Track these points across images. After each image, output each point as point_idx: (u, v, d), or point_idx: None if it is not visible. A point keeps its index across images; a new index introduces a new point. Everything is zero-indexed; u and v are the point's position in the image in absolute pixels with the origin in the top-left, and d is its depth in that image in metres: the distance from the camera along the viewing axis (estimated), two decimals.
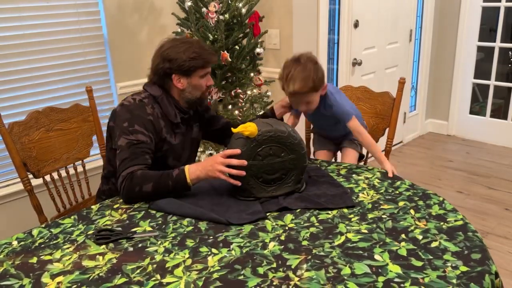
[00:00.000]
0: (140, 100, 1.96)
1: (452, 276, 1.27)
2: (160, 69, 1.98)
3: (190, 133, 2.15)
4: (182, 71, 1.96)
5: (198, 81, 2.01)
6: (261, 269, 1.35)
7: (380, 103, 2.56)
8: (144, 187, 1.78)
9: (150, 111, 1.95)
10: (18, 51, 2.75)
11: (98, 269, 1.39)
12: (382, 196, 1.79)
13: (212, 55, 2.03)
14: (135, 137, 1.87)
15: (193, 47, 1.96)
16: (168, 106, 2.00)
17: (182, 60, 1.94)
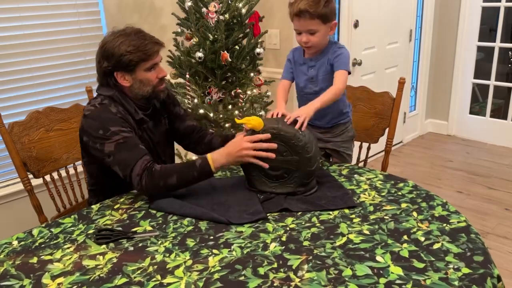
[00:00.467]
0: (100, 103, 1.85)
1: (454, 278, 1.26)
2: (100, 68, 1.87)
3: (159, 127, 2.07)
4: (123, 67, 1.83)
5: (145, 75, 1.87)
6: (262, 269, 1.35)
7: (380, 103, 2.55)
8: (169, 181, 1.76)
9: (114, 110, 1.85)
10: (18, 51, 2.75)
11: (99, 269, 1.39)
12: (385, 197, 1.78)
13: (153, 44, 1.85)
14: (118, 137, 1.79)
15: (130, 39, 1.81)
16: (125, 103, 1.90)
17: (119, 55, 1.80)
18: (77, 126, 2.41)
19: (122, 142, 1.79)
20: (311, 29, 2.06)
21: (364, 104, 2.61)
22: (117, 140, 1.78)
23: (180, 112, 2.20)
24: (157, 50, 1.88)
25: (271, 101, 3.13)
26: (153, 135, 2.03)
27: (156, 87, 1.93)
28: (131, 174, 1.76)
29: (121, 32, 1.85)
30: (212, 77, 2.90)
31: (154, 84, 1.91)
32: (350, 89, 2.65)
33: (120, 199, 1.87)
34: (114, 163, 1.80)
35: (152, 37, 1.89)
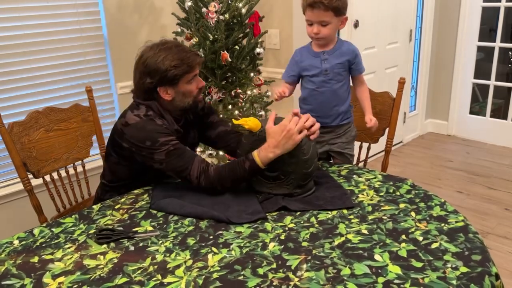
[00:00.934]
0: (145, 115, 1.87)
1: (452, 277, 1.27)
2: (142, 84, 1.88)
3: (186, 138, 2.08)
4: (167, 81, 1.85)
5: (187, 87, 1.89)
6: (261, 269, 1.35)
7: (380, 103, 2.55)
8: (224, 184, 1.81)
9: (160, 122, 1.88)
10: (18, 51, 2.75)
11: (100, 269, 1.39)
12: (383, 198, 1.79)
13: (195, 56, 1.89)
14: (167, 146, 1.81)
15: (172, 53, 1.83)
16: (164, 114, 1.93)
17: (163, 70, 1.82)
18: (77, 126, 2.42)
19: (173, 149, 1.82)
20: (324, 21, 2.10)
21: None
22: (167, 149, 1.82)
23: (214, 120, 2.20)
24: (199, 61, 1.91)
25: (271, 101, 3.14)
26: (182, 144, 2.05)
27: (196, 97, 1.96)
28: (189, 177, 1.82)
29: (160, 46, 1.86)
30: (212, 77, 2.91)
31: (194, 95, 1.94)
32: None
33: (121, 199, 1.88)
34: (167, 169, 1.84)
35: (191, 49, 1.94)
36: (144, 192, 1.94)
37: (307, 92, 2.35)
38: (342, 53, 2.22)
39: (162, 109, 1.93)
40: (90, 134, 2.49)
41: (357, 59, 2.25)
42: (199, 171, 1.81)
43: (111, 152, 1.98)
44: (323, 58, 2.24)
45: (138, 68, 1.89)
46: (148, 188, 1.96)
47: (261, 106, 3.09)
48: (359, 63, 2.26)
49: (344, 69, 2.24)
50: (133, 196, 1.91)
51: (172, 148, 1.82)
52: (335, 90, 2.26)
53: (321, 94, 2.28)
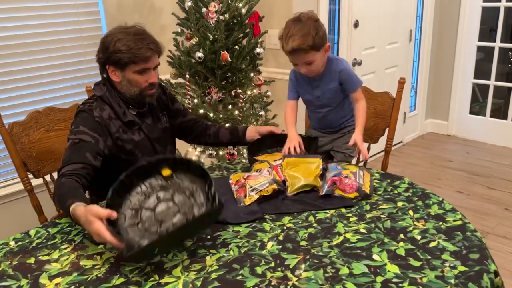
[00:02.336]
0: (89, 105, 1.89)
1: (450, 276, 1.27)
2: (96, 57, 1.91)
3: (158, 124, 2.08)
4: (113, 62, 1.86)
5: (134, 76, 1.88)
6: (259, 268, 1.35)
7: (380, 103, 2.55)
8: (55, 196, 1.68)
9: (97, 113, 1.87)
10: (18, 51, 2.76)
11: (96, 269, 1.39)
12: (381, 196, 1.79)
13: (147, 50, 1.84)
14: (77, 136, 1.81)
15: (127, 39, 1.82)
16: (114, 104, 1.92)
17: (111, 51, 1.83)
18: None
19: (76, 142, 1.81)
20: (308, 61, 2.08)
21: None
22: (74, 139, 1.82)
23: (180, 107, 2.23)
24: (149, 56, 1.86)
25: (271, 101, 3.14)
26: (151, 132, 2.04)
27: (144, 91, 1.93)
28: (59, 171, 1.75)
29: (124, 28, 1.87)
30: (212, 77, 2.90)
31: (141, 88, 1.91)
32: None
33: None
34: None
35: (152, 42, 1.87)
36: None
37: (308, 110, 2.43)
38: (330, 78, 2.20)
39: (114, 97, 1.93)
40: None
41: (346, 78, 2.18)
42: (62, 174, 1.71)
43: None
44: (314, 85, 2.25)
45: (100, 42, 1.91)
46: None
47: (261, 106, 3.09)
48: (348, 82, 2.19)
49: (337, 93, 2.24)
50: None
51: (77, 141, 1.80)
52: (332, 110, 2.31)
53: (319, 113, 2.34)
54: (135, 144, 1.96)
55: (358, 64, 4.02)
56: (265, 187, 1.72)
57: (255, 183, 1.76)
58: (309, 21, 2.03)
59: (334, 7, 3.86)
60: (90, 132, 1.83)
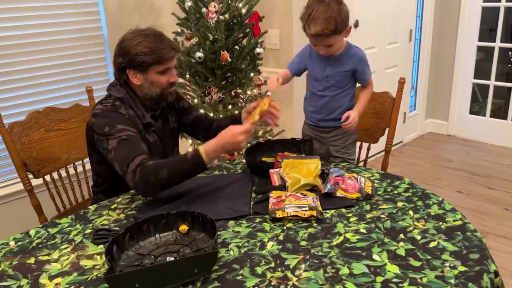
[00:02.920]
0: (112, 105, 1.89)
1: (450, 276, 1.27)
2: (115, 63, 1.92)
3: (167, 125, 2.11)
4: (135, 66, 1.87)
5: (156, 77, 1.90)
6: (259, 269, 1.35)
7: (380, 103, 2.55)
8: (160, 174, 1.71)
9: (125, 112, 1.89)
10: (18, 51, 2.76)
11: (96, 269, 1.39)
12: (381, 196, 1.79)
13: (170, 49, 1.88)
14: (122, 134, 1.81)
15: (148, 41, 1.85)
16: (134, 106, 1.94)
17: (133, 54, 1.84)
18: (77, 126, 2.42)
19: (125, 138, 1.80)
20: (329, 44, 2.10)
21: None
22: (120, 137, 1.80)
23: (185, 105, 2.24)
24: (172, 56, 1.90)
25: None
26: (162, 134, 2.07)
27: (165, 90, 1.96)
28: (127, 170, 1.75)
29: (141, 32, 1.89)
30: (212, 77, 2.91)
31: (163, 87, 1.94)
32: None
33: (117, 199, 1.88)
34: (114, 159, 1.79)
35: (171, 42, 1.92)
36: None
37: (309, 93, 2.38)
38: (347, 60, 2.21)
39: (133, 98, 1.94)
40: None
41: (362, 67, 2.22)
42: (138, 164, 1.74)
43: (90, 151, 1.99)
44: (327, 64, 2.24)
45: (116, 47, 1.91)
46: None
47: None
48: (363, 72, 2.23)
49: (346, 78, 2.24)
50: (129, 196, 1.91)
51: (125, 137, 1.80)
52: (335, 96, 2.28)
53: (321, 98, 2.30)
54: (149, 146, 1.97)
55: None
56: (304, 209, 1.64)
57: (295, 202, 1.69)
58: (333, 3, 2.02)
59: None
60: (130, 127, 1.85)
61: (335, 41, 2.10)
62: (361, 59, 2.22)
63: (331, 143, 2.40)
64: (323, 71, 2.26)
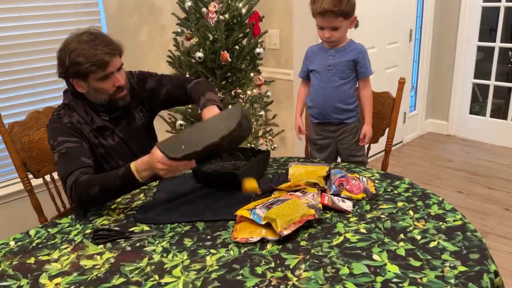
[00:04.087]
0: (57, 114, 1.87)
1: (450, 276, 1.27)
2: (57, 72, 1.84)
3: (133, 123, 2.03)
4: (74, 75, 1.79)
5: (99, 84, 1.81)
6: (259, 269, 1.35)
7: (380, 103, 2.55)
8: (91, 191, 1.68)
9: (67, 120, 1.85)
10: (18, 51, 2.76)
11: (96, 269, 1.39)
12: (381, 196, 1.79)
13: (104, 55, 1.75)
14: (62, 147, 1.78)
15: (80, 48, 1.74)
16: (81, 112, 1.88)
17: (68, 65, 1.75)
18: None
19: (64, 152, 1.79)
20: (335, 26, 2.17)
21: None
22: (60, 151, 1.79)
23: (153, 85, 2.10)
24: (108, 60, 1.78)
25: (271, 101, 3.14)
26: (127, 133, 2.00)
27: (114, 95, 1.87)
28: (66, 185, 1.73)
29: (75, 38, 1.79)
30: (212, 77, 2.90)
31: (110, 93, 1.85)
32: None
33: (117, 199, 1.88)
34: (59, 174, 1.79)
35: (108, 45, 1.80)
36: (140, 191, 1.94)
37: (312, 88, 2.43)
38: (349, 52, 2.28)
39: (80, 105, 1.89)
40: None
41: (363, 59, 2.28)
42: (74, 180, 1.70)
43: None
44: (330, 55, 2.31)
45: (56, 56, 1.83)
46: (144, 188, 1.96)
47: (261, 106, 3.09)
48: (364, 65, 2.29)
49: (348, 68, 2.29)
50: (130, 196, 1.91)
51: (64, 151, 1.78)
52: (337, 87, 2.32)
53: (323, 89, 2.34)
54: (108, 149, 1.94)
55: None
56: None
57: None
58: None
59: None
60: (70, 138, 1.81)
61: (340, 25, 2.17)
62: (362, 51, 2.30)
63: (339, 141, 2.43)
64: (325, 62, 2.32)
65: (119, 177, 1.68)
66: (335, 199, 1.70)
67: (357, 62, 2.29)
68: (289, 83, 3.50)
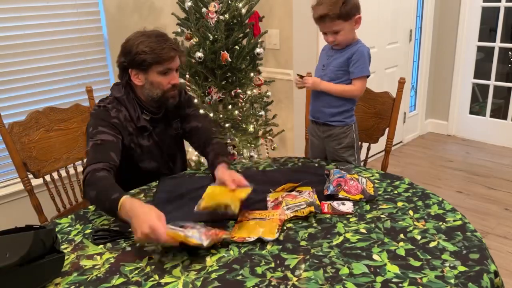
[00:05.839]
0: (104, 106, 1.92)
1: (450, 276, 1.27)
2: (118, 62, 1.94)
3: (169, 131, 2.09)
4: (136, 65, 1.88)
5: (157, 78, 1.91)
6: (259, 269, 1.35)
7: (380, 103, 2.55)
8: (90, 192, 1.67)
9: (114, 114, 1.91)
10: (18, 51, 2.76)
11: (96, 269, 1.39)
12: (381, 196, 1.79)
13: (170, 50, 1.87)
14: (98, 137, 1.83)
15: (149, 40, 1.86)
16: (130, 108, 1.94)
17: (134, 53, 1.86)
18: (77, 126, 2.43)
19: (99, 143, 1.82)
20: (335, 30, 2.13)
21: (364, 104, 2.61)
22: (96, 140, 1.82)
23: (190, 112, 2.17)
24: (173, 56, 1.89)
25: (271, 101, 3.13)
26: (161, 139, 2.05)
27: (167, 92, 1.95)
28: (85, 169, 1.75)
29: (144, 32, 1.91)
30: (212, 77, 2.90)
31: (164, 89, 1.94)
32: None
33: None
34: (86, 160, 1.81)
35: (173, 43, 1.92)
36: (140, 191, 1.94)
37: None
38: (347, 52, 2.23)
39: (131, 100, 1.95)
40: None
41: (356, 59, 2.19)
42: (93, 169, 1.72)
43: None
44: (329, 55, 2.29)
45: (121, 47, 1.94)
46: (144, 188, 1.96)
47: (261, 106, 3.09)
48: (355, 64, 2.20)
49: (340, 69, 2.24)
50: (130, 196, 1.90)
51: (99, 143, 1.82)
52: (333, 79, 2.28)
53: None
54: (144, 150, 1.98)
55: None
56: (302, 207, 1.63)
57: (292, 202, 1.68)
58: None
59: None
60: (110, 131, 1.86)
61: (341, 28, 2.13)
62: (359, 52, 2.20)
63: (326, 143, 2.40)
64: (323, 61, 2.32)
65: (109, 200, 1.59)
66: (334, 204, 1.70)
67: (349, 62, 2.22)
68: (289, 83, 3.50)
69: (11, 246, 1.26)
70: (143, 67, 1.88)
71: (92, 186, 1.69)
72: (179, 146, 2.21)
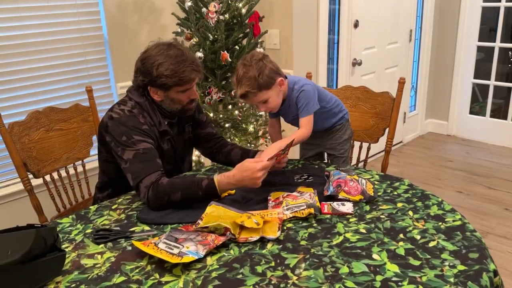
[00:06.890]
0: (129, 111, 1.89)
1: (450, 275, 1.27)
2: (136, 79, 1.92)
3: (183, 134, 2.11)
4: (156, 85, 1.87)
5: (177, 95, 1.91)
6: (259, 268, 1.35)
7: (380, 103, 2.55)
8: (172, 196, 1.73)
9: (143, 120, 1.89)
10: (18, 51, 2.76)
11: (97, 268, 1.40)
12: (381, 197, 1.79)
13: (191, 71, 1.86)
14: (139, 147, 1.82)
15: (170, 62, 1.83)
16: (152, 114, 1.94)
17: (155, 75, 1.84)
18: (77, 126, 2.43)
19: (142, 153, 1.81)
20: (263, 100, 2.06)
21: (364, 104, 2.61)
22: (137, 150, 1.81)
23: (203, 119, 2.22)
24: (194, 77, 1.89)
25: None
26: (176, 143, 2.06)
27: (186, 106, 1.96)
28: (140, 185, 1.77)
29: (164, 49, 1.86)
30: (212, 77, 2.91)
31: (184, 104, 1.95)
32: (350, 89, 2.66)
33: (118, 200, 1.88)
34: (128, 170, 1.81)
35: (193, 62, 1.88)
36: None
37: None
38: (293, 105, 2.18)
39: (152, 107, 1.95)
40: (90, 134, 2.49)
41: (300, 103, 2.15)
42: (153, 181, 1.75)
43: (100, 148, 2.00)
44: (282, 113, 2.29)
45: (138, 63, 1.91)
46: None
47: None
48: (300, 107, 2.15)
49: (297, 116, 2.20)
50: (130, 196, 1.91)
51: (142, 152, 1.81)
52: None
53: None
54: (163, 154, 1.98)
55: (358, 64, 4.02)
56: (301, 208, 1.64)
57: (293, 202, 1.69)
58: (254, 62, 1.99)
59: (334, 7, 3.86)
60: (146, 139, 1.85)
61: (267, 96, 2.04)
62: (297, 98, 2.15)
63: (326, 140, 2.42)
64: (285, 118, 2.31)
65: (202, 189, 1.74)
66: (334, 205, 1.70)
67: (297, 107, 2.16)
68: None
69: (13, 244, 1.27)
70: (164, 88, 1.88)
71: (170, 192, 1.73)
72: (190, 149, 2.23)
